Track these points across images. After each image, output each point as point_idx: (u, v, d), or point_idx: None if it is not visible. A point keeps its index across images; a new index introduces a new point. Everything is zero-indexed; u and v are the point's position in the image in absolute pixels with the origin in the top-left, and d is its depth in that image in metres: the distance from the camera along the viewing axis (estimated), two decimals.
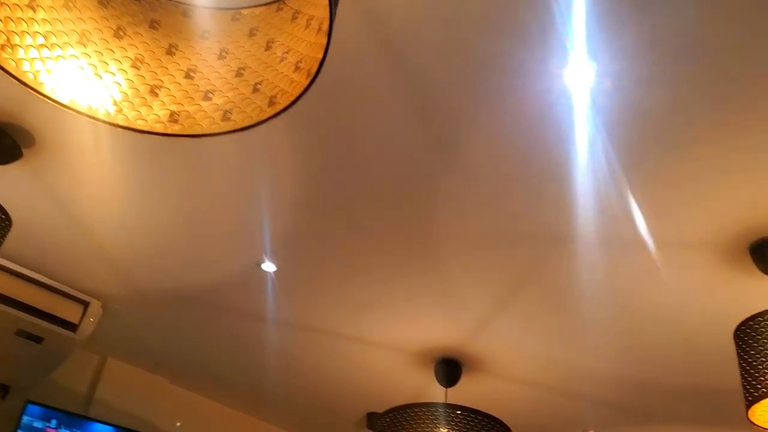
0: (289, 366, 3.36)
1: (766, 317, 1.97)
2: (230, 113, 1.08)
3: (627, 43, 1.61)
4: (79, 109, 1.04)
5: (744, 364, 2.02)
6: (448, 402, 2.69)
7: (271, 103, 1.06)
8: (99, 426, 3.27)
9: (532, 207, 2.16)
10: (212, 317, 3.02)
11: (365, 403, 3.62)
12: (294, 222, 2.37)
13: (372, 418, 3.62)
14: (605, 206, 2.11)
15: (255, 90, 1.07)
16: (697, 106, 1.75)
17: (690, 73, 1.67)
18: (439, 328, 2.87)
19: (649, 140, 1.86)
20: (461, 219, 2.26)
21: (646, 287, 2.46)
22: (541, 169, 2.01)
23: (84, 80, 1.05)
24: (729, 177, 1.96)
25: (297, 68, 1.03)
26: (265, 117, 1.05)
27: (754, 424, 2.07)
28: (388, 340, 3.01)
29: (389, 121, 1.92)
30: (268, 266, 2.60)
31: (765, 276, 2.24)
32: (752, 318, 2.02)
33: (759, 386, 1.93)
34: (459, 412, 2.61)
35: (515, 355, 2.99)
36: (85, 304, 2.85)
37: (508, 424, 2.78)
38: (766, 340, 1.95)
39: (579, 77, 1.72)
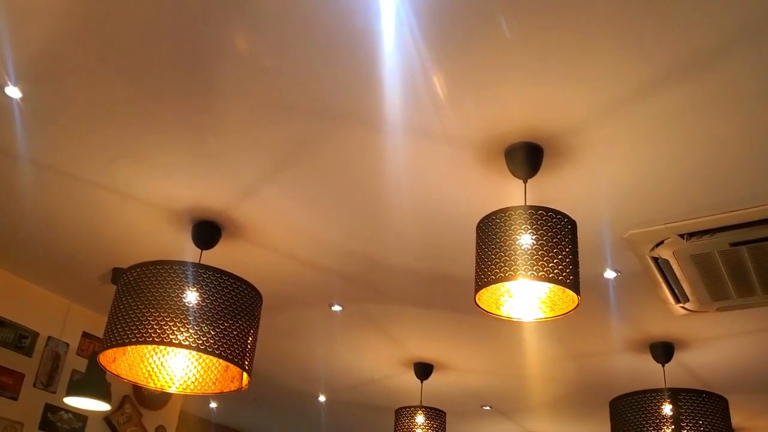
0: (32, 210, 3.06)
1: (506, 213, 2.14)
2: None
3: None
4: None
5: (480, 253, 2.20)
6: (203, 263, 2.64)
7: None
8: None
9: (324, 80, 2.11)
10: None
11: (114, 258, 3.45)
12: (48, 45, 2.09)
13: (118, 273, 3.47)
14: (403, 87, 2.12)
15: None
16: None
17: None
18: (202, 190, 2.77)
19: (455, 16, 1.87)
20: (243, 81, 2.14)
21: (409, 174, 2.56)
22: (338, 41, 1.95)
23: None
24: (507, 76, 2.05)
25: None
26: None
27: (480, 307, 2.28)
28: (146, 196, 2.85)
29: None
30: (13, 92, 2.29)
31: (514, 178, 2.43)
32: (494, 213, 2.18)
33: (489, 273, 2.12)
34: (210, 273, 2.57)
35: (278, 226, 2.99)
36: None
37: (261, 291, 2.81)
38: (501, 234, 2.12)
39: None
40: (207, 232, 2.98)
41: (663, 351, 3.78)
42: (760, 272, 2.87)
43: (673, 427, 3.27)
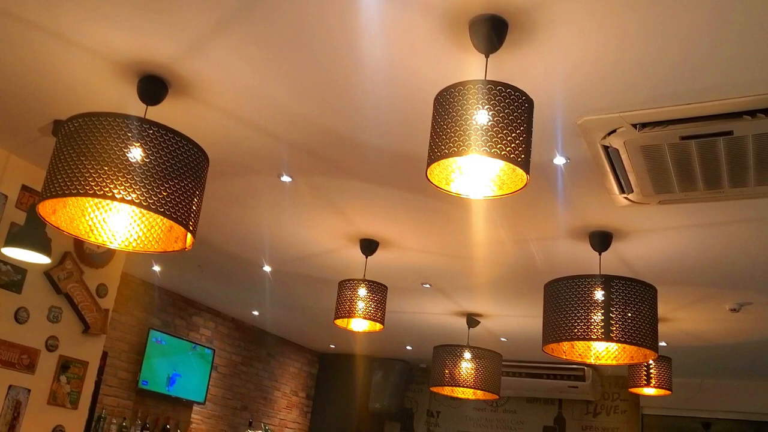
0: None
1: (465, 87, 2.10)
2: None
3: None
4: None
5: (435, 127, 2.16)
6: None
7: None
8: None
9: None
10: None
11: (55, 110, 3.30)
12: None
13: (59, 125, 3.33)
14: None
15: None
16: None
17: None
18: (150, 41, 2.63)
19: None
20: None
21: (371, 40, 2.46)
22: None
23: None
24: None
25: None
26: None
27: (431, 182, 2.27)
28: (90, 43, 2.69)
29: None
30: None
31: (476, 53, 2.36)
32: (452, 86, 2.13)
33: (442, 147, 2.09)
34: (155, 128, 2.48)
35: (228, 86, 2.89)
36: None
37: (208, 153, 2.74)
38: (458, 107, 2.08)
39: None
40: (153, 87, 2.86)
41: (601, 240, 3.89)
42: (705, 168, 2.93)
43: (602, 311, 3.41)
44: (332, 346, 8.79)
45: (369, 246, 4.64)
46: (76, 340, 4.12)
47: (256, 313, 7.46)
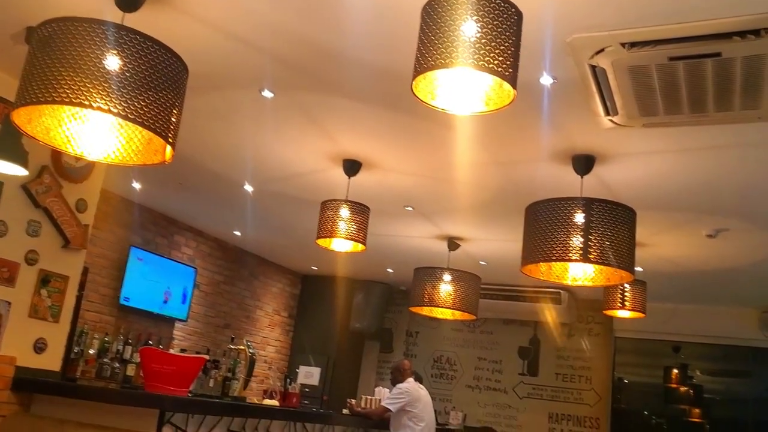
0: None
1: None
2: None
3: None
4: None
5: (423, 39, 2.11)
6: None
7: None
8: None
9: None
10: None
11: (27, 16, 3.19)
12: None
13: (32, 32, 3.22)
14: None
15: None
16: None
17: None
18: None
19: None
20: None
21: None
22: None
23: None
24: None
25: None
26: None
27: (416, 95, 2.23)
28: None
29: None
30: None
31: None
32: None
33: (429, 59, 2.05)
34: (133, 36, 2.39)
35: None
36: None
37: (188, 65, 2.66)
38: (447, 18, 2.03)
39: None
40: None
41: (584, 163, 3.89)
42: (691, 90, 2.90)
43: (582, 233, 3.44)
44: (314, 268, 8.86)
45: (352, 167, 4.61)
46: (56, 255, 4.10)
47: (237, 233, 7.46)
